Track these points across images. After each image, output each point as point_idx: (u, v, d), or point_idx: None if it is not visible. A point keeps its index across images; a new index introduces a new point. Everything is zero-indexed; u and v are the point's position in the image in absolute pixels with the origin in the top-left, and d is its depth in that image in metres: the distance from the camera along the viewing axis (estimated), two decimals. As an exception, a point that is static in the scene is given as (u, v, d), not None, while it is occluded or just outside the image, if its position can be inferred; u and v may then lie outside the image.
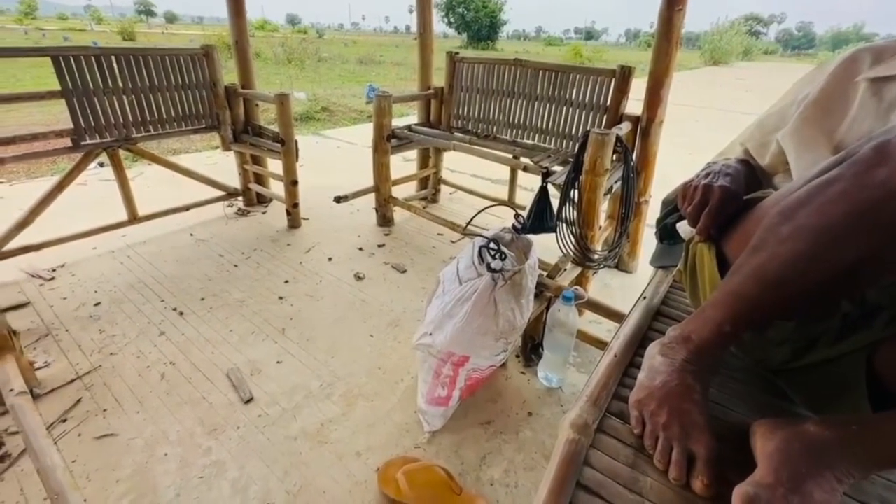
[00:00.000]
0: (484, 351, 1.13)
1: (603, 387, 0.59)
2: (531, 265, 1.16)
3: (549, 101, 2.06)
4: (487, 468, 1.07)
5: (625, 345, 0.68)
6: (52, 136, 1.86)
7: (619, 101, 1.76)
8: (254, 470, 1.06)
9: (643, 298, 0.81)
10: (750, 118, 0.76)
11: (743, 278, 0.48)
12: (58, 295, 1.78)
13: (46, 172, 3.44)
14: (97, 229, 2.05)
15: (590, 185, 1.40)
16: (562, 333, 1.21)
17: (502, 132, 2.30)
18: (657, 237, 0.97)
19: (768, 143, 0.71)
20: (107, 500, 0.99)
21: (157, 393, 1.30)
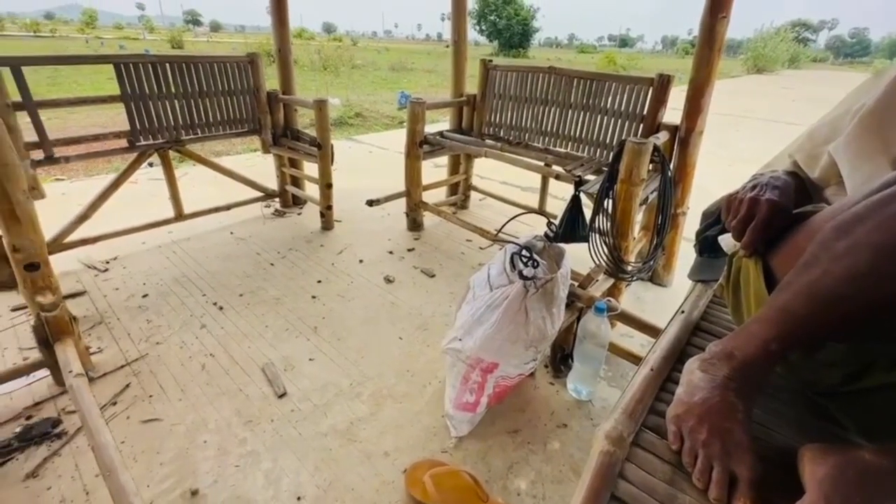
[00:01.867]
0: (513, 359, 1.13)
1: (639, 400, 0.59)
2: (563, 274, 1.15)
3: (584, 110, 2.04)
4: (514, 478, 1.06)
5: (662, 359, 0.67)
6: (111, 137, 1.99)
7: (656, 110, 1.73)
8: (286, 463, 1.10)
9: (681, 312, 0.80)
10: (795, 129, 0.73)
11: (792, 295, 0.47)
12: (110, 286, 1.89)
13: (102, 171, 3.67)
14: (146, 225, 2.17)
15: (625, 195, 1.38)
16: (593, 345, 1.20)
17: (534, 140, 2.30)
18: (696, 250, 0.96)
19: (819, 155, 0.69)
20: (151, 480, 1.05)
21: (198, 382, 1.36)
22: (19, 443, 1.14)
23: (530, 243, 1.23)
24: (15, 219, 1.25)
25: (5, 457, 1.10)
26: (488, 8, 27.60)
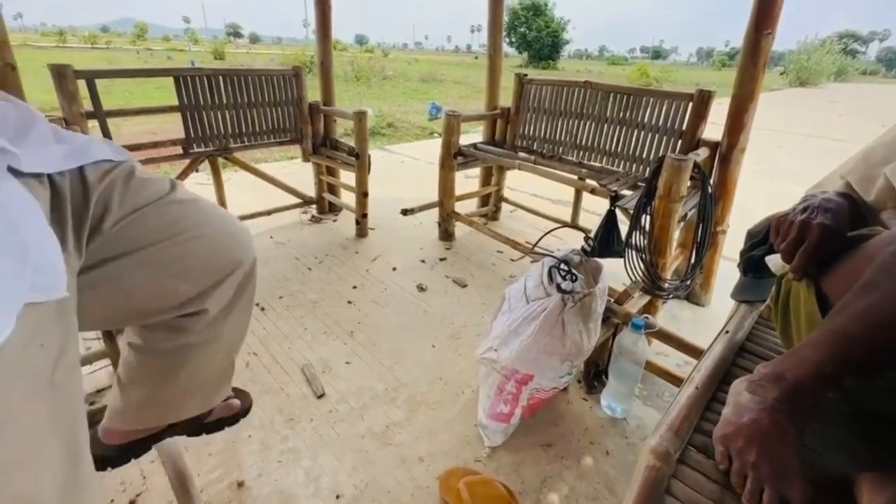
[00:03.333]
0: (549, 371, 1.15)
1: (684, 419, 0.59)
2: (601, 289, 1.16)
3: (620, 124, 2.04)
4: (548, 492, 1.07)
5: (707, 378, 0.67)
6: (168, 144, 2.13)
7: (696, 125, 1.71)
8: (325, 461, 1.14)
9: (725, 332, 0.80)
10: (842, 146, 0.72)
11: (849, 318, 0.47)
12: (161, 284, 2.01)
13: (152, 175, 3.89)
14: (195, 228, 2.30)
15: (663, 212, 1.38)
16: (629, 362, 1.20)
17: (568, 153, 2.31)
18: (741, 269, 0.95)
19: (874, 177, 0.68)
20: (201, 470, 1.11)
21: (242, 379, 1.43)
22: (82, 428, 1.23)
23: (568, 257, 1.24)
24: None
25: (70, 440, 1.19)
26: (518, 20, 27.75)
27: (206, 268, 0.69)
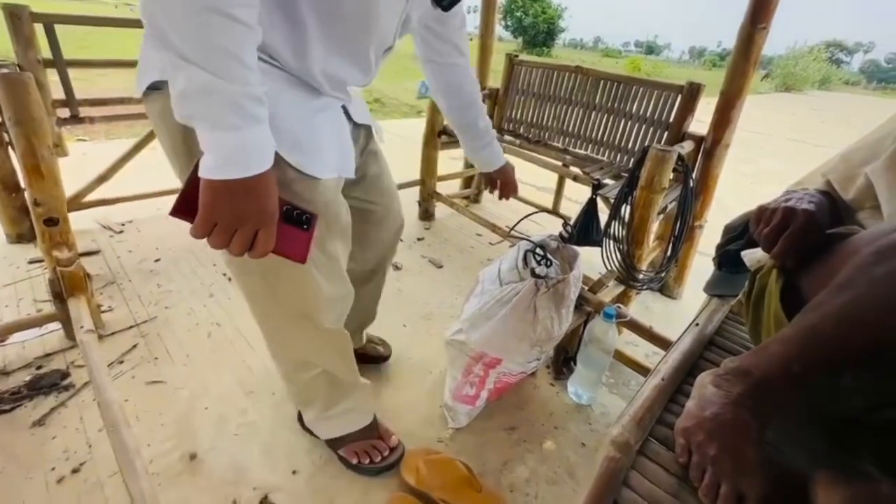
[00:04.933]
0: (518, 356, 1.13)
1: (648, 409, 0.58)
2: (575, 276, 1.14)
3: (608, 113, 2.01)
4: (509, 473, 1.07)
5: (673, 370, 0.66)
6: (136, 101, 2.00)
7: (683, 118, 1.70)
8: (283, 436, 1.11)
9: (695, 325, 0.79)
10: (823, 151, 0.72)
11: (822, 317, 0.46)
12: (124, 247, 1.92)
13: (123, 135, 3.70)
14: (163, 192, 2.18)
15: (644, 202, 1.37)
16: (598, 350, 1.19)
17: (554, 139, 2.27)
18: (716, 263, 0.94)
19: (855, 177, 0.67)
20: (152, 440, 1.07)
21: (203, 350, 1.38)
22: (28, 391, 1.16)
23: (545, 242, 1.22)
24: (39, 174, 1.26)
25: (15, 403, 1.13)
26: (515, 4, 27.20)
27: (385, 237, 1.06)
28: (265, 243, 0.56)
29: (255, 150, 0.51)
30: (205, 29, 0.44)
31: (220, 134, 0.49)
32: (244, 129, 0.49)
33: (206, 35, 0.45)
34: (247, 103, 0.48)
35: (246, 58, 0.48)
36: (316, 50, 0.61)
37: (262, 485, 0.99)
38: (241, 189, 0.51)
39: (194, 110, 0.48)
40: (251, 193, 0.52)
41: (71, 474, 0.97)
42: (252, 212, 0.53)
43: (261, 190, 0.52)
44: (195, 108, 0.48)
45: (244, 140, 0.49)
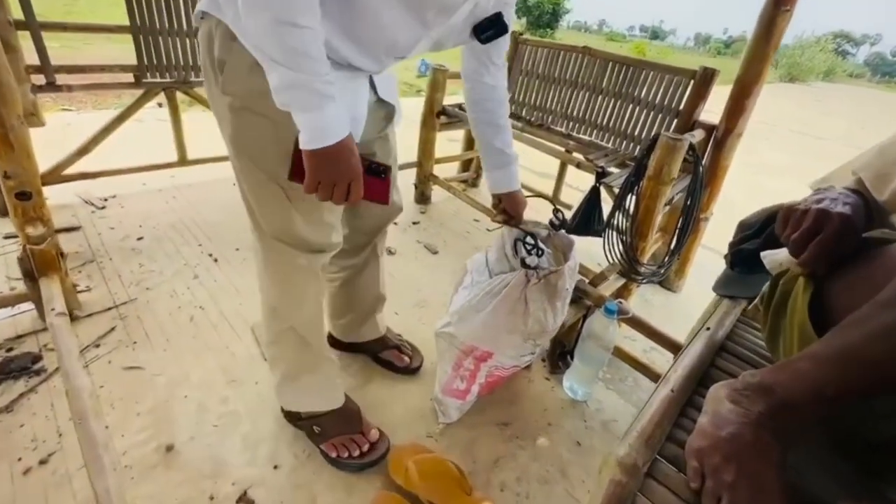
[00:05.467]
0: (509, 349, 1.08)
1: (657, 424, 0.53)
2: (571, 267, 1.08)
3: (615, 97, 1.93)
4: (500, 471, 1.03)
5: (684, 379, 0.61)
6: (117, 69, 1.89)
7: (694, 105, 1.62)
8: (266, 427, 1.06)
9: (706, 329, 0.73)
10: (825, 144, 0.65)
11: (866, 337, 0.40)
12: (106, 224, 1.84)
13: (111, 105, 3.57)
14: (148, 166, 2.09)
15: (651, 193, 1.30)
16: (597, 346, 1.15)
17: (557, 123, 2.19)
18: (728, 262, 0.89)
19: (890, 176, 0.61)
20: (127, 430, 1.02)
21: (184, 335, 1.32)
22: (-4, 375, 1.11)
23: (536, 230, 1.15)
24: (7, 144, 1.18)
25: (-19, 388, 1.07)
26: (521, -18, 26.43)
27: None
28: (356, 192, 0.71)
29: (331, 125, 0.65)
30: (281, 37, 0.58)
31: (306, 115, 0.64)
32: (323, 109, 0.63)
33: (282, 41, 0.59)
34: (320, 87, 0.62)
35: (314, 53, 0.61)
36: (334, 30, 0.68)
37: (242, 479, 0.94)
38: (332, 154, 0.66)
39: (287, 99, 0.63)
40: (339, 157, 0.67)
41: (38, 465, 0.92)
42: (343, 170, 0.68)
43: (344, 153, 0.67)
44: (287, 97, 0.63)
45: (324, 118, 0.64)
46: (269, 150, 0.76)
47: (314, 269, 0.90)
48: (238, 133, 0.75)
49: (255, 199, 0.82)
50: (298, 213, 0.82)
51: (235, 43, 0.68)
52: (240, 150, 0.77)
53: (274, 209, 0.81)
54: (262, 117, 0.72)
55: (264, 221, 0.84)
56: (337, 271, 1.17)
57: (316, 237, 0.86)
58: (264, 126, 0.72)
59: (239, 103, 0.72)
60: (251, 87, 0.70)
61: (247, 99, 0.71)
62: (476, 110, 1.00)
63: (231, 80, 0.71)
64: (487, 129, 1.01)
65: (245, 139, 0.75)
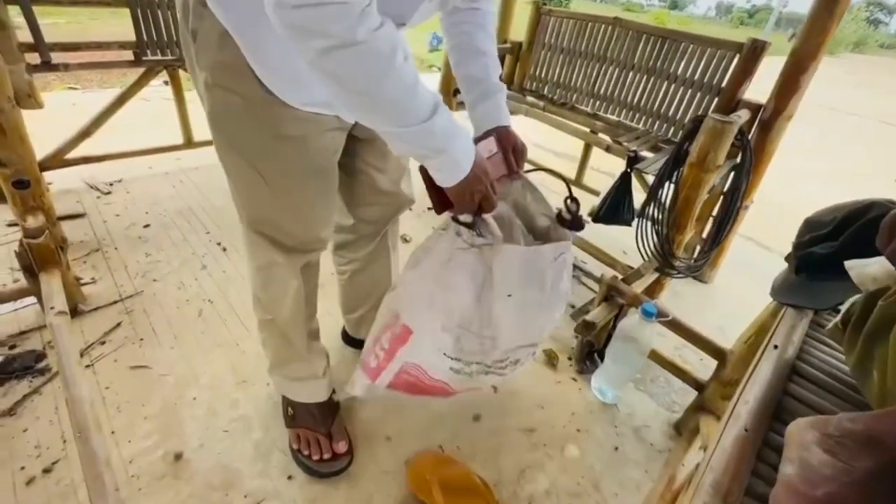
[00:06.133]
0: (428, 337, 0.79)
1: (734, 476, 0.45)
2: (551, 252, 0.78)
3: (648, 73, 1.78)
4: (527, 483, 0.97)
5: (756, 415, 0.52)
6: (116, 46, 1.79)
7: (739, 83, 1.47)
8: (278, 435, 1.01)
9: (773, 348, 0.64)
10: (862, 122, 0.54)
11: None
12: (112, 210, 1.78)
13: (116, 84, 3.48)
14: (154, 149, 2.01)
15: (692, 181, 1.19)
16: (632, 350, 1.06)
17: (582, 102, 2.04)
18: (792, 266, 0.78)
19: None
20: (133, 436, 0.97)
21: (192, 330, 1.26)
22: (0, 374, 1.06)
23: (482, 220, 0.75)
24: (0, 129, 1.10)
25: (-16, 388, 1.03)
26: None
27: None
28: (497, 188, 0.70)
29: (463, 156, 0.62)
30: (380, 95, 0.53)
31: (435, 159, 0.61)
32: (445, 152, 0.60)
33: (383, 100, 0.54)
34: (435, 127, 0.57)
35: (413, 94, 0.55)
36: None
37: (254, 491, 0.89)
38: (472, 180, 0.64)
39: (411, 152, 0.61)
40: (477, 177, 0.65)
41: (42, 474, 0.87)
42: (484, 183, 0.66)
43: (479, 170, 0.65)
44: (408, 152, 0.61)
45: (450, 158, 0.61)
46: (245, 132, 0.68)
47: (294, 269, 0.84)
48: (213, 112, 0.68)
49: (235, 186, 0.76)
50: (280, 204, 0.75)
51: (206, 9, 0.59)
52: (216, 132, 0.70)
53: (254, 198, 0.75)
54: (235, 94, 0.64)
55: (244, 211, 0.78)
56: (345, 263, 1.10)
57: (301, 231, 0.80)
58: (238, 105, 0.65)
59: (211, 79, 0.64)
60: (221, 59, 0.62)
61: (217, 74, 0.63)
62: (452, 36, 0.80)
63: (202, 51, 0.63)
64: (464, 56, 0.81)
65: (220, 119, 0.68)
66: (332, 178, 0.79)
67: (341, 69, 0.50)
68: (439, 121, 0.57)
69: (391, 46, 0.51)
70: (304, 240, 0.81)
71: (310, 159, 0.72)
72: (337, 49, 0.48)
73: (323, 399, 1.00)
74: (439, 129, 0.57)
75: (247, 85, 0.62)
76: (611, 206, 1.57)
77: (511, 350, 0.85)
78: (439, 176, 0.63)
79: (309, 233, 0.81)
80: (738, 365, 0.94)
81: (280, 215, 0.77)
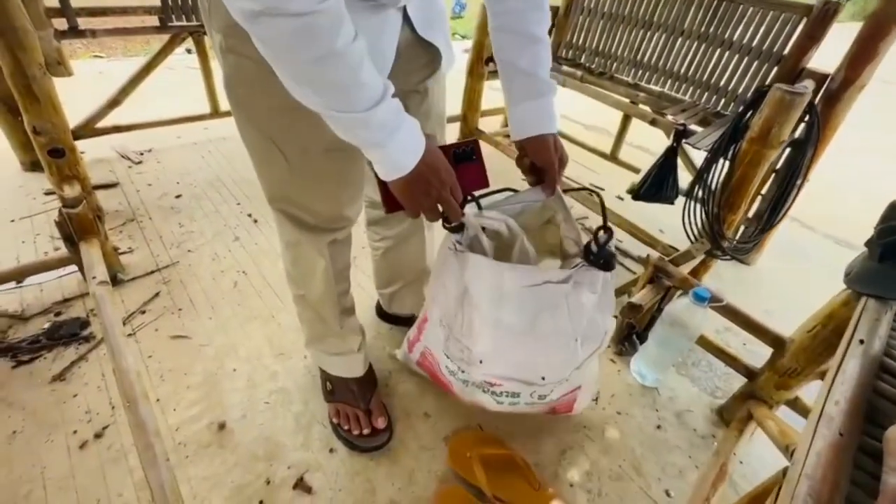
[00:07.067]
0: (432, 327, 0.84)
1: (833, 486, 0.41)
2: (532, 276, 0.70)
3: (698, 39, 1.65)
4: (568, 465, 0.95)
5: (848, 415, 0.48)
6: (141, 11, 1.75)
7: (805, 50, 1.35)
8: (318, 408, 1.01)
9: (859, 342, 0.59)
10: None
11: None
12: (144, 180, 1.78)
13: (140, 52, 3.45)
14: (181, 119, 2.00)
15: (752, 158, 1.10)
16: (679, 335, 1.02)
17: (623, 71, 1.92)
18: (874, 253, 0.72)
19: None
20: (178, 405, 0.99)
21: (228, 301, 1.27)
22: (48, 340, 1.09)
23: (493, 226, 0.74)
24: (32, 96, 1.09)
25: (34, 354, 1.06)
26: None
27: None
28: (458, 195, 0.63)
29: (402, 153, 0.57)
30: (315, 76, 0.49)
31: (373, 151, 0.56)
32: (385, 145, 0.55)
33: (318, 81, 0.49)
34: (371, 120, 0.52)
35: (352, 81, 0.50)
36: None
37: (297, 463, 0.90)
38: (415, 178, 0.58)
39: (346, 138, 0.55)
40: (423, 176, 0.59)
41: (94, 439, 0.90)
42: (434, 185, 0.60)
43: (427, 170, 0.59)
44: (346, 137, 0.55)
45: (390, 151, 0.56)
46: (258, 100, 0.63)
47: (319, 247, 0.80)
48: (228, 78, 0.63)
49: (253, 159, 0.72)
50: (300, 182, 0.72)
51: None
52: (232, 101, 0.66)
53: (273, 174, 0.72)
54: (247, 59, 0.58)
55: (264, 186, 0.75)
56: (378, 240, 1.07)
57: (324, 209, 0.76)
58: (250, 71, 0.59)
59: (225, 43, 0.59)
60: (233, 21, 0.56)
61: (229, 36, 0.58)
62: (497, 14, 0.68)
63: (216, 11, 0.58)
64: (510, 41, 0.69)
65: (234, 86, 0.64)
66: (354, 155, 0.69)
67: (270, 37, 0.46)
68: (379, 113, 0.51)
69: (333, 23, 0.45)
70: (328, 218, 0.77)
71: (327, 135, 0.61)
72: (265, 16, 0.43)
73: (359, 374, 0.99)
74: (377, 122, 0.52)
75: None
76: (654, 182, 1.49)
77: (501, 378, 0.80)
78: (378, 168, 0.58)
79: (332, 211, 0.77)
80: (798, 354, 0.89)
81: (300, 193, 0.73)
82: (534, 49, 0.68)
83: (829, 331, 0.82)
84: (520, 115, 0.71)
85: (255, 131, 0.67)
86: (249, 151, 0.71)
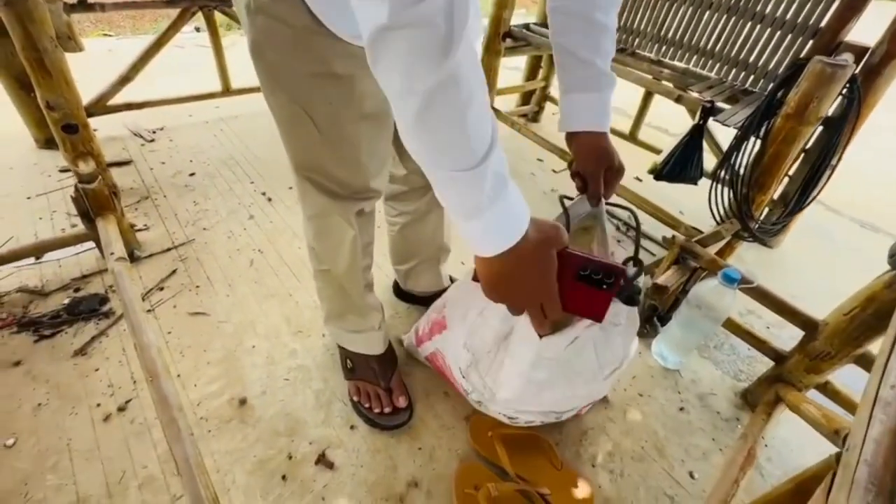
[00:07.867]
0: (452, 344, 0.85)
1: (894, 472, 0.39)
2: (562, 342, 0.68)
3: (728, 12, 1.58)
4: (589, 445, 0.95)
5: (906, 396, 0.46)
6: (152, -17, 1.71)
7: (844, 22, 1.28)
8: (337, 386, 1.01)
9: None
10: None
11: None
12: (157, 158, 1.77)
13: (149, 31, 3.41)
14: (192, 97, 1.97)
15: (786, 135, 1.06)
16: (704, 316, 0.99)
17: (644, 47, 1.86)
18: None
19: None
20: (199, 380, 0.99)
21: (245, 279, 1.26)
22: (68, 315, 1.09)
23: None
24: (44, 70, 1.07)
25: (55, 328, 1.06)
26: None
27: None
28: (551, 313, 0.53)
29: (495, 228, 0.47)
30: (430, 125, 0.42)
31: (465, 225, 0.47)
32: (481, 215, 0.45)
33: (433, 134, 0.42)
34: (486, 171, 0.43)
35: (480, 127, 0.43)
36: None
37: (319, 439, 0.90)
38: (506, 267, 0.48)
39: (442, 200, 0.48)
40: (519, 269, 0.48)
41: (117, 413, 0.90)
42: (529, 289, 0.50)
43: (524, 264, 0.48)
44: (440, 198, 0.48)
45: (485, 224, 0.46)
46: (290, 64, 0.60)
47: (347, 217, 0.78)
48: (255, 42, 0.59)
49: (281, 128, 0.69)
50: (330, 150, 0.69)
51: None
52: (259, 66, 0.62)
53: (299, 139, 0.69)
54: (279, 22, 0.55)
55: (292, 154, 0.72)
56: (395, 215, 1.06)
57: (352, 179, 0.74)
58: (281, 34, 0.56)
59: (254, 3, 0.55)
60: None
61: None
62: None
63: None
64: (572, 24, 0.62)
65: (263, 51, 0.60)
66: (385, 125, 0.71)
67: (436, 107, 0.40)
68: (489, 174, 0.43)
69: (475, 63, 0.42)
70: (357, 188, 0.75)
71: (359, 103, 0.63)
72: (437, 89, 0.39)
73: (380, 352, 0.99)
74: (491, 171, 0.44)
75: (293, 11, 0.54)
76: (677, 162, 1.44)
77: (519, 412, 0.82)
78: (483, 242, 0.47)
79: (359, 182, 0.75)
80: (831, 338, 0.86)
81: (329, 162, 0.71)
82: (596, 36, 0.62)
83: (868, 314, 0.79)
84: (570, 106, 0.66)
85: (283, 96, 0.64)
86: (276, 117, 0.68)
